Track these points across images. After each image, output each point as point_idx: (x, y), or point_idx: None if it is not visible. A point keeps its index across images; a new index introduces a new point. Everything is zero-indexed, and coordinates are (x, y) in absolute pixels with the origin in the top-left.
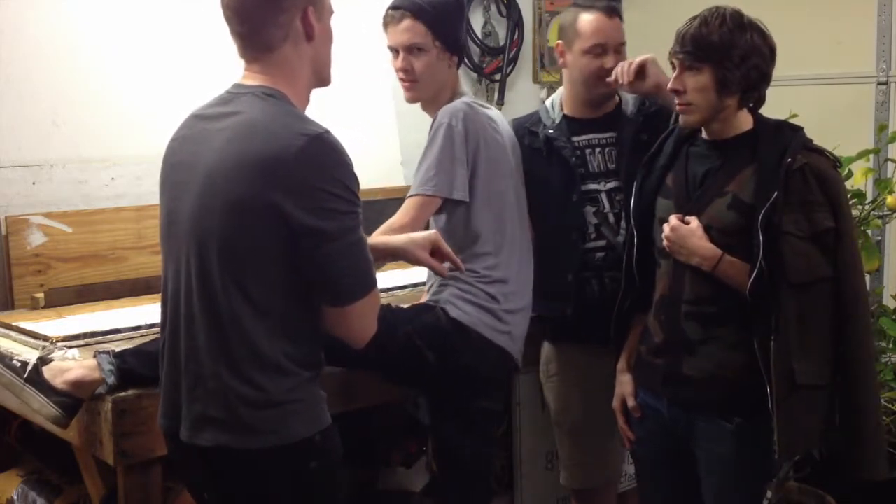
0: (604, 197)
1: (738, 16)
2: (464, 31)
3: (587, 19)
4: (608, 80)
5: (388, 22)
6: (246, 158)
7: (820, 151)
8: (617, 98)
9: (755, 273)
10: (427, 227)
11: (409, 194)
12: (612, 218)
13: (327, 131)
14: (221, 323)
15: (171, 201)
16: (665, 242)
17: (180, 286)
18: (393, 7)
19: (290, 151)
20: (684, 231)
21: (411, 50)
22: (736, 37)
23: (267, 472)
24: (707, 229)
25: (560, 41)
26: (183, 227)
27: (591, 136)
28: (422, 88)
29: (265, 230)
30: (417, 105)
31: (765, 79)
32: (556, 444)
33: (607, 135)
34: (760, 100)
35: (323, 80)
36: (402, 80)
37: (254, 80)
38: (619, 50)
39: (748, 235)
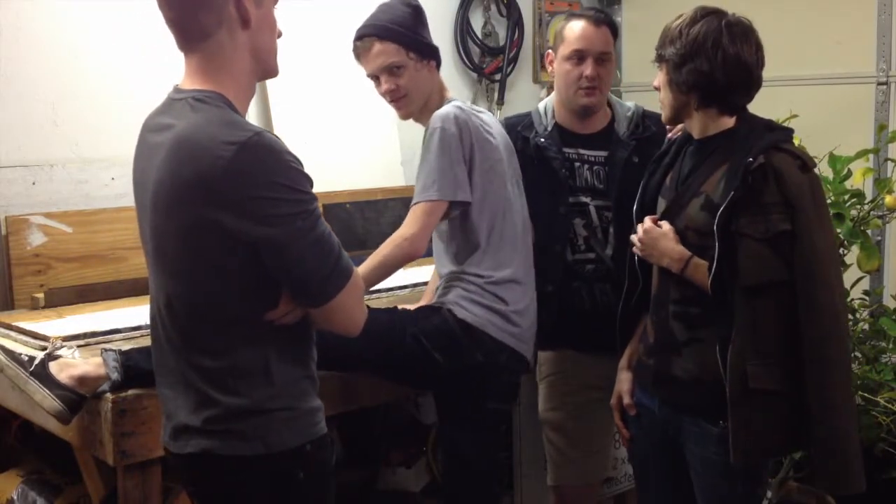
0: (592, 210)
1: (699, 16)
2: (429, 32)
3: (573, 26)
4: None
5: (359, 53)
6: (179, 181)
7: (790, 152)
8: (609, 114)
9: (712, 275)
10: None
11: (413, 203)
12: (600, 232)
13: (258, 133)
14: (193, 343)
15: (139, 221)
16: (637, 245)
17: (154, 305)
18: (358, 38)
19: (218, 165)
20: (655, 233)
21: (391, 70)
22: (684, 37)
23: (251, 479)
24: (685, 230)
25: (550, 49)
26: (147, 248)
27: (582, 150)
28: (412, 102)
29: (220, 249)
30: None
31: (713, 84)
32: (544, 444)
33: (598, 153)
34: (726, 102)
35: (268, 70)
36: (392, 101)
37: (190, 83)
38: (600, 59)
39: None
